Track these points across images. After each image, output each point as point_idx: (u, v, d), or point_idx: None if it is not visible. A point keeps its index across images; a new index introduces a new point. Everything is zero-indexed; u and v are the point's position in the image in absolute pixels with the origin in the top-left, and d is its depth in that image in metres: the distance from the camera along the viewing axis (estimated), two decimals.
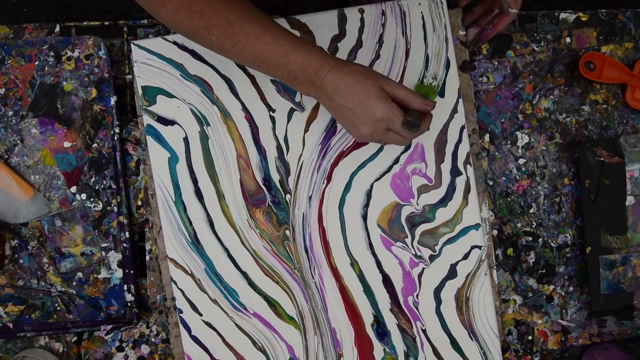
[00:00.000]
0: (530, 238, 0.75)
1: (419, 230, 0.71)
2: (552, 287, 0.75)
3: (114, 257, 0.71)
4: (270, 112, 0.71)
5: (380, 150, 0.71)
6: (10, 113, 0.71)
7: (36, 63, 0.71)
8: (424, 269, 0.71)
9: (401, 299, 0.71)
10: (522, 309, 0.75)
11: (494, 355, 0.71)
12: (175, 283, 0.70)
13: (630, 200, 0.73)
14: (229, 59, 0.70)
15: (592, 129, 0.76)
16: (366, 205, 0.71)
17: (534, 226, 0.75)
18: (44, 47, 0.72)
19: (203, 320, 0.70)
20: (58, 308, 0.71)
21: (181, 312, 0.70)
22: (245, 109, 0.71)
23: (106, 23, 0.76)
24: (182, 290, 0.70)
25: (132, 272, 0.71)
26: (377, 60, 0.71)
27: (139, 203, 0.73)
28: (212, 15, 0.55)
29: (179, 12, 0.54)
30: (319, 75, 0.58)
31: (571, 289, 0.76)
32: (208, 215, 0.70)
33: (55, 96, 0.71)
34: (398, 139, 0.60)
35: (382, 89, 0.58)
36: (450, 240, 0.71)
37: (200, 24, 0.55)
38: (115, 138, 0.72)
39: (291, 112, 0.71)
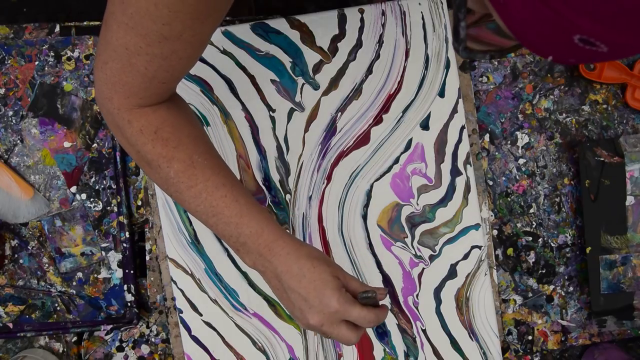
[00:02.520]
0: (530, 238, 0.75)
1: (419, 230, 0.71)
2: (552, 287, 0.75)
3: (114, 257, 0.71)
4: (270, 112, 0.71)
5: (380, 150, 0.71)
6: (10, 113, 0.71)
7: (36, 63, 0.71)
8: (424, 269, 0.71)
9: (401, 299, 0.71)
10: (522, 309, 0.75)
11: (494, 355, 0.71)
12: (175, 283, 0.70)
13: (630, 200, 0.73)
14: (227, 60, 0.70)
15: (592, 129, 0.76)
16: (366, 205, 0.71)
17: (534, 226, 0.75)
18: (44, 47, 0.72)
19: (203, 320, 0.70)
20: (58, 308, 0.71)
21: (181, 312, 0.70)
22: (245, 109, 0.71)
23: None
24: (182, 290, 0.70)
25: (132, 272, 0.71)
26: (377, 60, 0.71)
27: (139, 203, 0.73)
28: (176, 147, 0.51)
29: (143, 134, 0.51)
30: (271, 249, 0.52)
31: (571, 289, 0.76)
32: None
33: (55, 96, 0.71)
34: (347, 335, 0.53)
35: (338, 278, 0.53)
36: (450, 240, 0.71)
37: (162, 153, 0.51)
38: (115, 138, 0.72)
39: (291, 112, 0.71)
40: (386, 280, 0.71)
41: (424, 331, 0.71)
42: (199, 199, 0.52)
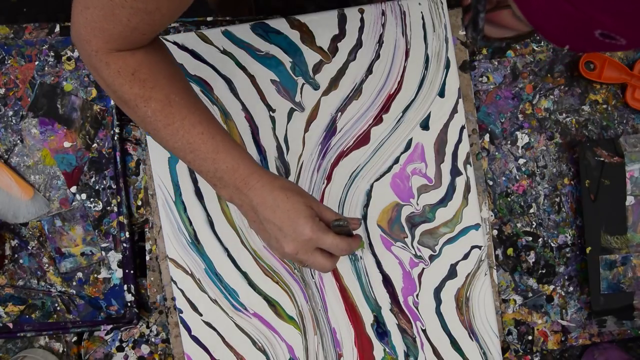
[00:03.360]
0: (530, 238, 0.75)
1: (419, 230, 0.71)
2: (552, 287, 0.75)
3: (114, 257, 0.71)
4: (270, 112, 0.71)
5: (380, 150, 0.71)
6: (10, 113, 0.71)
7: (36, 63, 0.71)
8: (424, 269, 0.71)
9: (401, 299, 0.71)
10: (522, 309, 0.75)
11: (494, 355, 0.71)
12: (175, 283, 0.70)
13: (630, 200, 0.73)
14: (227, 60, 0.70)
15: (592, 129, 0.76)
16: (366, 205, 0.71)
17: (534, 226, 0.75)
18: (44, 47, 0.72)
19: (203, 320, 0.70)
20: (58, 308, 0.71)
21: (181, 312, 0.70)
22: (245, 109, 0.71)
23: None
24: (182, 290, 0.70)
25: (132, 272, 0.71)
26: (377, 60, 0.71)
27: (139, 203, 0.73)
28: (153, 88, 0.52)
29: (121, 75, 0.52)
30: (247, 183, 0.55)
31: (571, 289, 0.76)
32: (208, 215, 0.70)
33: (55, 96, 0.71)
34: (322, 262, 0.56)
35: (312, 208, 0.55)
36: (450, 240, 0.71)
37: (139, 93, 0.52)
38: (115, 138, 0.72)
39: (291, 112, 0.71)
40: (386, 280, 0.71)
41: (424, 331, 0.71)
42: (176, 137, 0.54)
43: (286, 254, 0.55)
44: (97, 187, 0.71)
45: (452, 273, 0.71)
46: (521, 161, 0.75)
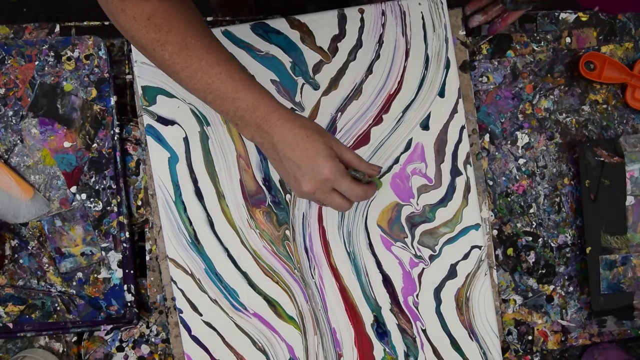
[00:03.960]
0: (530, 238, 0.75)
1: (419, 230, 0.71)
2: (552, 287, 0.75)
3: (114, 257, 0.71)
4: None
5: (380, 150, 0.71)
6: (10, 113, 0.71)
7: (36, 63, 0.71)
8: (424, 269, 0.71)
9: (401, 299, 0.71)
10: (522, 309, 0.75)
11: (494, 355, 0.71)
12: (175, 283, 0.70)
13: (630, 200, 0.73)
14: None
15: (592, 129, 0.76)
16: (366, 205, 0.71)
17: (534, 226, 0.75)
18: (44, 47, 0.72)
19: (203, 320, 0.70)
20: (58, 308, 0.71)
21: (181, 312, 0.70)
22: None
23: (106, 23, 0.76)
24: (182, 290, 0.70)
25: (132, 272, 0.71)
26: (377, 60, 0.71)
27: (139, 203, 0.73)
28: (169, 32, 0.53)
29: (137, 21, 0.52)
30: (268, 120, 0.55)
31: (571, 289, 0.76)
32: (208, 215, 0.70)
33: (55, 96, 0.71)
34: (340, 202, 0.57)
35: (332, 148, 0.56)
36: (450, 240, 0.71)
37: (155, 38, 0.53)
38: (115, 138, 0.72)
39: None
40: (386, 280, 0.71)
41: (424, 331, 0.71)
42: (195, 78, 0.55)
43: (304, 192, 0.56)
44: (97, 187, 0.71)
45: (452, 273, 0.71)
46: (521, 161, 0.75)
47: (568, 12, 0.78)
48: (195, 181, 0.70)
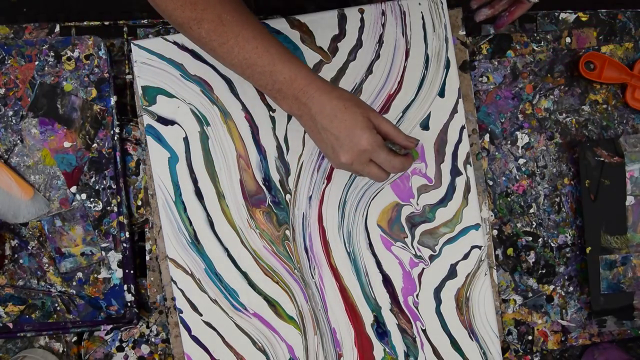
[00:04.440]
0: (530, 238, 0.75)
1: (419, 230, 0.71)
2: (552, 287, 0.75)
3: (114, 257, 0.71)
4: (270, 112, 0.71)
5: None
6: (10, 113, 0.71)
7: (36, 63, 0.71)
8: (424, 269, 0.71)
9: (401, 299, 0.71)
10: (522, 309, 0.75)
11: (494, 355, 0.71)
12: (175, 283, 0.70)
13: (630, 200, 0.73)
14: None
15: (592, 129, 0.76)
16: (366, 205, 0.71)
17: (534, 226, 0.75)
18: (44, 47, 0.72)
19: (203, 320, 0.70)
20: (58, 308, 0.71)
21: (181, 312, 0.70)
22: (245, 109, 0.71)
23: (106, 23, 0.76)
24: (182, 290, 0.70)
25: (132, 272, 0.71)
26: (377, 60, 0.71)
27: (139, 203, 0.73)
28: (204, 10, 0.54)
29: (172, 0, 0.54)
30: (305, 92, 0.56)
31: (571, 289, 0.76)
32: (208, 215, 0.70)
33: (55, 96, 0.71)
34: (377, 173, 0.58)
35: (370, 120, 0.57)
36: (450, 240, 0.71)
37: (191, 16, 0.54)
38: (115, 138, 0.72)
39: None
40: (386, 280, 0.71)
41: (424, 331, 0.71)
42: (232, 54, 0.56)
43: (342, 163, 0.57)
44: (97, 187, 0.71)
45: (452, 273, 0.71)
46: (521, 161, 0.75)
47: (568, 12, 0.78)
48: (195, 181, 0.70)
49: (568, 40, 0.77)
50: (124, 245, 0.71)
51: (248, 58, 0.56)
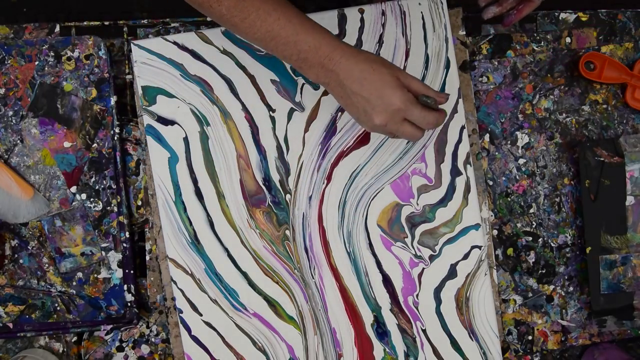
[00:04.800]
0: (530, 238, 0.75)
1: (419, 230, 0.71)
2: (552, 287, 0.75)
3: (114, 257, 0.71)
4: (270, 112, 0.71)
5: (380, 150, 0.71)
6: (10, 113, 0.71)
7: (36, 63, 0.71)
8: (424, 269, 0.71)
9: (401, 299, 0.71)
10: (522, 309, 0.75)
11: (494, 355, 0.71)
12: (175, 283, 0.70)
13: (630, 200, 0.73)
14: (227, 60, 0.70)
15: (592, 129, 0.76)
16: (366, 205, 0.71)
17: (534, 226, 0.75)
18: (44, 47, 0.72)
19: (203, 320, 0.70)
20: (58, 308, 0.71)
21: (181, 312, 0.70)
22: (245, 109, 0.71)
23: (106, 23, 0.76)
24: (182, 290, 0.70)
25: (132, 272, 0.71)
26: None
27: (139, 203, 0.73)
28: None
29: None
30: (331, 59, 0.56)
31: (571, 289, 0.76)
32: (208, 215, 0.70)
33: (55, 96, 0.71)
34: (412, 131, 0.57)
35: (399, 78, 0.56)
36: (450, 240, 0.71)
37: None
38: (115, 138, 0.72)
39: (291, 112, 0.71)
40: (386, 280, 0.71)
41: (424, 331, 0.71)
42: (254, 28, 0.56)
43: (376, 125, 0.56)
44: (97, 187, 0.71)
45: (452, 273, 0.71)
46: (521, 161, 0.75)
47: (568, 12, 0.78)
48: (195, 181, 0.70)
49: (568, 40, 0.77)
50: (124, 245, 0.71)
51: (271, 30, 0.55)
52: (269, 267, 0.70)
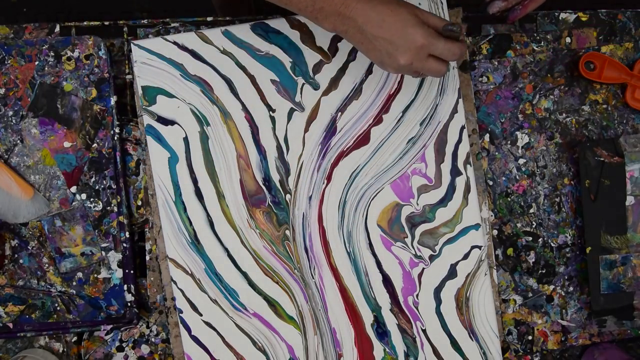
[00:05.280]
0: (530, 238, 0.75)
1: (419, 230, 0.71)
2: (552, 287, 0.75)
3: (114, 257, 0.71)
4: (270, 112, 0.71)
5: (380, 150, 0.71)
6: (10, 113, 0.71)
7: (36, 63, 0.71)
8: (424, 269, 0.71)
9: (401, 299, 0.71)
10: (522, 309, 0.75)
11: (494, 355, 0.71)
12: (175, 283, 0.70)
13: (630, 200, 0.73)
14: (227, 60, 0.70)
15: (592, 129, 0.76)
16: (366, 205, 0.71)
17: (534, 226, 0.75)
18: (44, 47, 0.72)
19: (203, 320, 0.70)
20: (58, 308, 0.71)
21: (181, 312, 0.70)
22: (245, 109, 0.71)
23: (106, 23, 0.76)
24: (182, 290, 0.70)
25: (132, 272, 0.71)
26: None
27: (139, 203, 0.73)
28: None
29: None
30: (347, 5, 0.55)
31: (571, 289, 0.76)
32: (208, 215, 0.70)
33: (55, 96, 0.71)
34: (437, 66, 0.57)
35: (417, 16, 0.56)
36: (450, 240, 0.71)
37: None
38: (115, 138, 0.72)
39: (291, 112, 0.71)
40: (386, 280, 0.71)
41: (424, 331, 0.71)
42: None
43: (401, 66, 0.56)
44: (97, 187, 0.71)
45: (452, 273, 0.71)
46: (521, 161, 0.75)
47: (568, 12, 0.78)
48: (195, 181, 0.70)
49: (568, 40, 0.77)
50: (124, 245, 0.71)
51: None
52: (269, 267, 0.70)
